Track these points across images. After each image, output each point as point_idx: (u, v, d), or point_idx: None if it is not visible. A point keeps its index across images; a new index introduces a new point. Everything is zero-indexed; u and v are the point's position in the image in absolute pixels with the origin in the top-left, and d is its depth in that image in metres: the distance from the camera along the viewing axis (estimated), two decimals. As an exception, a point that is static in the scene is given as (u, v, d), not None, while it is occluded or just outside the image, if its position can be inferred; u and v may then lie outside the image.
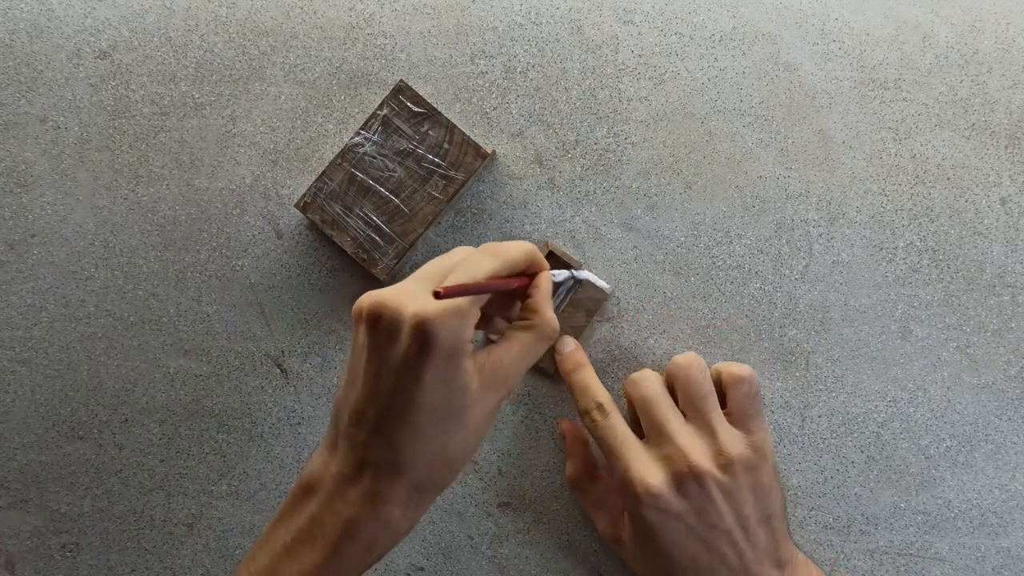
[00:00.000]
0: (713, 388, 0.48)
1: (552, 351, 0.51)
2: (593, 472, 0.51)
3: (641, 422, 0.48)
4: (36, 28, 0.53)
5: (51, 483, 0.53)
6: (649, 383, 0.48)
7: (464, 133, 0.50)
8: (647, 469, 0.46)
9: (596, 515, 0.50)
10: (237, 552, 0.53)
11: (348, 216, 0.50)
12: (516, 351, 0.42)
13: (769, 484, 0.47)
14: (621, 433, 0.47)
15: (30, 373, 0.53)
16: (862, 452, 0.52)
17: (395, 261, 0.50)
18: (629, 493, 0.46)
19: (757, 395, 0.48)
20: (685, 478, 0.45)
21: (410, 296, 0.40)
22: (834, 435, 0.52)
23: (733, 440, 0.47)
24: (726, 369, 0.49)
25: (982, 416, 0.52)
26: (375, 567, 0.53)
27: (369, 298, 0.40)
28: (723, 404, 0.49)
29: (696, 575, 0.46)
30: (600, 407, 0.47)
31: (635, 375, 0.49)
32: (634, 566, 0.49)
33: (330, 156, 0.53)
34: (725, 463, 0.46)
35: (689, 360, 0.48)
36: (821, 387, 0.52)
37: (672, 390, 0.49)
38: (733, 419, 0.48)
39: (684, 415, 0.48)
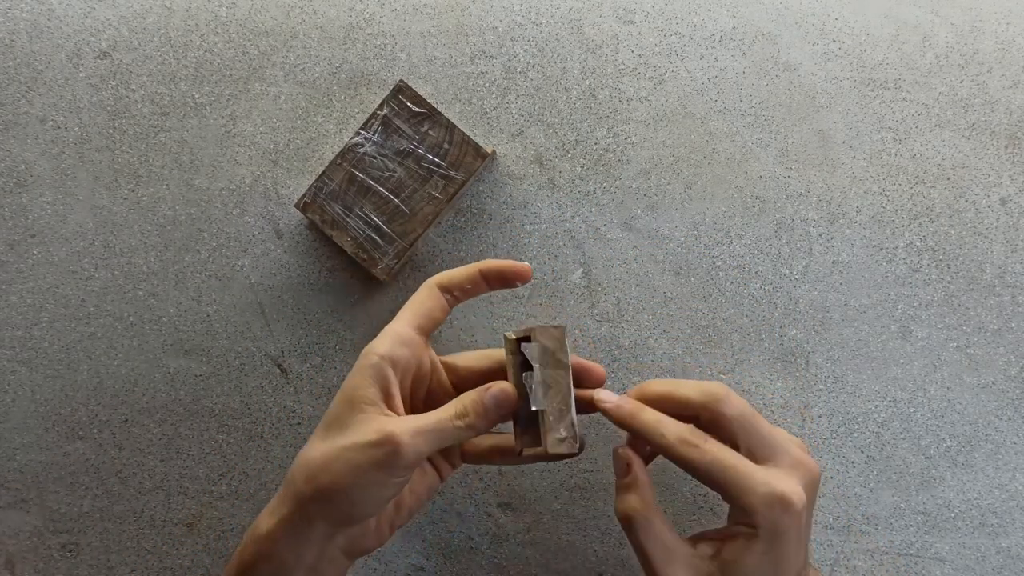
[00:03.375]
0: None
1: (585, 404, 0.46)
2: (658, 507, 0.44)
3: (741, 439, 0.43)
4: (36, 28, 0.53)
5: (51, 483, 0.53)
6: (739, 400, 0.44)
7: (464, 133, 0.50)
8: (785, 480, 0.42)
9: (663, 557, 0.42)
10: (237, 552, 0.53)
11: (348, 216, 0.50)
12: (432, 426, 0.41)
13: None
14: (730, 452, 0.42)
15: (30, 373, 0.53)
16: (862, 452, 0.52)
17: (395, 261, 0.50)
18: (781, 504, 0.41)
19: None
20: (810, 488, 0.43)
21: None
22: (834, 435, 0.52)
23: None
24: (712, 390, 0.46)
25: (982, 416, 0.52)
26: (375, 567, 0.53)
27: None
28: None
29: None
30: (694, 434, 0.42)
31: (717, 390, 0.43)
32: None
33: (330, 156, 0.53)
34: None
35: (722, 387, 0.44)
36: (821, 387, 0.52)
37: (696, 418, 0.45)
38: None
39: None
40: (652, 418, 0.43)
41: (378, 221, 0.50)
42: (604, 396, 0.44)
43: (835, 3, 0.52)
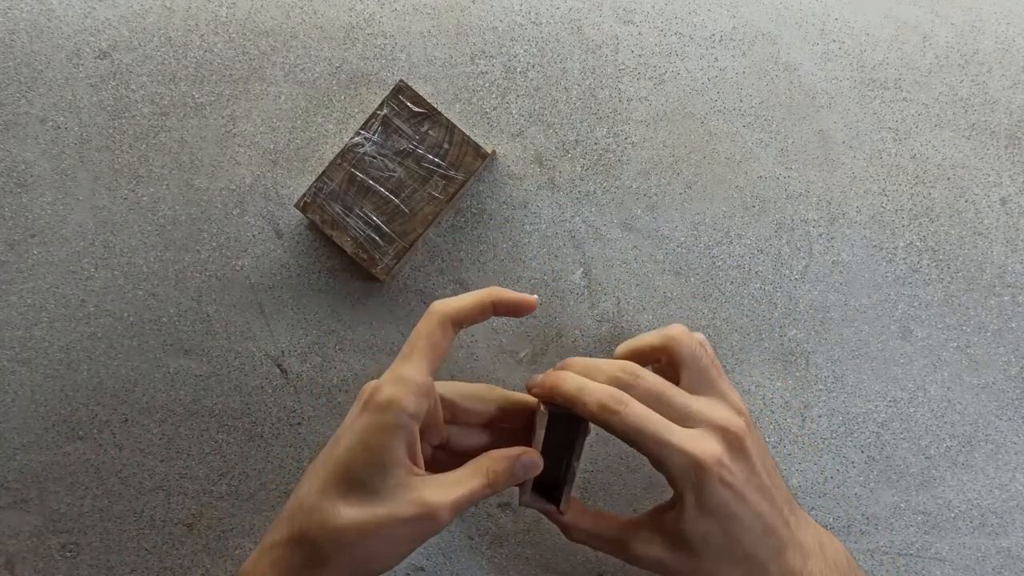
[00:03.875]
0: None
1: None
2: (598, 515, 0.47)
3: (684, 375, 0.46)
4: (36, 28, 0.53)
5: (51, 483, 0.53)
6: (651, 375, 0.45)
7: (464, 133, 0.50)
8: (703, 443, 0.43)
9: (621, 549, 0.46)
10: (237, 552, 0.53)
11: (348, 216, 0.50)
12: (462, 488, 0.42)
13: (762, 438, 0.47)
14: (653, 416, 0.44)
15: (30, 373, 0.53)
16: (862, 452, 0.52)
17: (395, 261, 0.50)
18: (695, 469, 0.42)
19: (714, 354, 0.48)
20: (735, 448, 0.44)
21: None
22: (834, 435, 0.52)
23: (735, 400, 0.46)
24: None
25: (982, 416, 0.52)
26: (375, 567, 0.53)
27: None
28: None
29: (751, 544, 0.44)
30: (615, 399, 0.43)
31: (628, 369, 0.45)
32: (691, 568, 0.45)
33: (330, 156, 0.53)
34: (747, 422, 0.45)
35: (680, 330, 0.46)
36: (821, 387, 0.52)
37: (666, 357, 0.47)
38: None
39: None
40: (573, 387, 0.44)
41: (378, 221, 0.50)
42: (532, 382, 0.46)
43: (835, 3, 0.52)
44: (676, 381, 0.46)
